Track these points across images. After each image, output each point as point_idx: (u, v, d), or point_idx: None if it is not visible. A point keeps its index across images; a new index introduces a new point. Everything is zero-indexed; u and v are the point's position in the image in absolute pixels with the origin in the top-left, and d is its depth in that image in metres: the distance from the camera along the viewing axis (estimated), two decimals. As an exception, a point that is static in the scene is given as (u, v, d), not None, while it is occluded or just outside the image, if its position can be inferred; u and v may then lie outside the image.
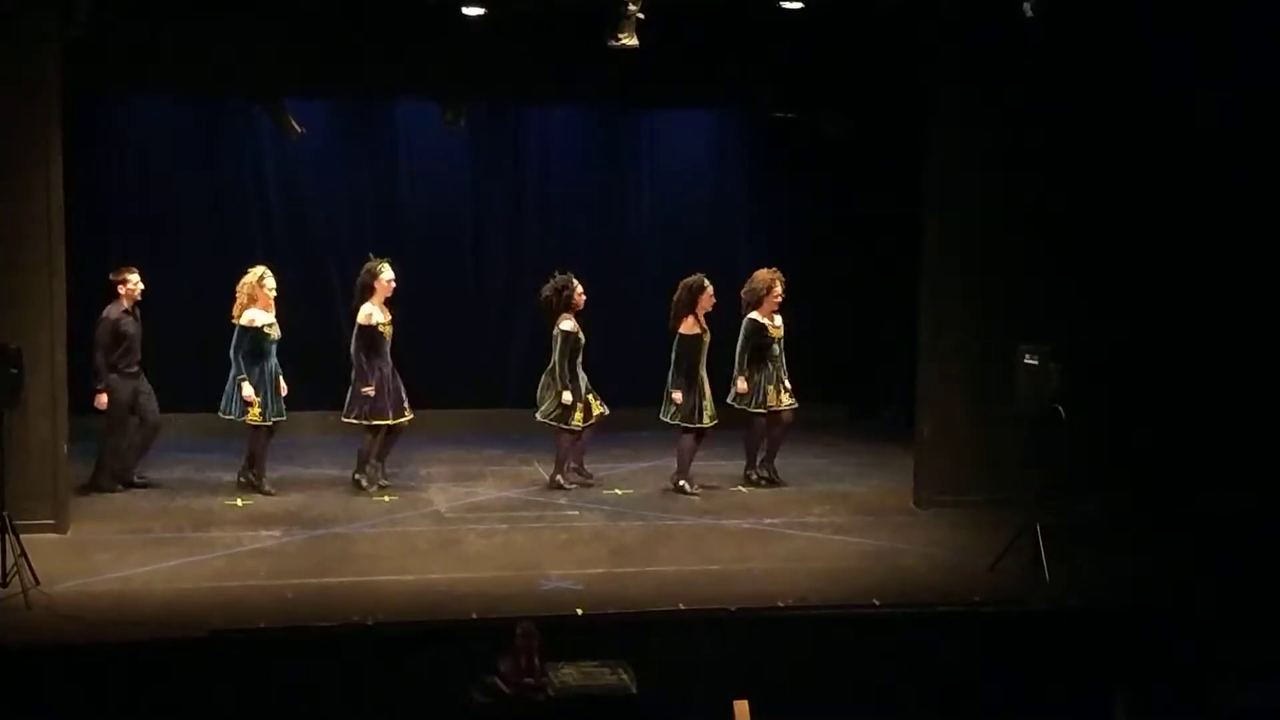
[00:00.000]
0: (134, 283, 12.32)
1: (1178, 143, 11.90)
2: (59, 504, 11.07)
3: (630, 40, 10.83)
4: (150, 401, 12.47)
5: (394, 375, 12.48)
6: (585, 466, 13.06)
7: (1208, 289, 12.07)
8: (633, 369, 14.44)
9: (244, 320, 12.19)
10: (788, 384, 12.97)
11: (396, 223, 15.33)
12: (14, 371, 10.00)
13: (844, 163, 15.35)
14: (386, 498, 12.35)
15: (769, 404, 12.84)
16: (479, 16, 11.62)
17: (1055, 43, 11.58)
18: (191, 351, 14.12)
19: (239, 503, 12.12)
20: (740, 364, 12.83)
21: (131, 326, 12.28)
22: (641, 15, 10.74)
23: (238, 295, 12.29)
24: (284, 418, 12.48)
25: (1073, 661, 9.23)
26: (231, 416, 12.30)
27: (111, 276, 12.34)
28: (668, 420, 12.70)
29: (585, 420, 12.69)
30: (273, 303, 12.31)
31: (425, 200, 15.45)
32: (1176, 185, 11.98)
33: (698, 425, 12.57)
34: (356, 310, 12.45)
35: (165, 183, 14.87)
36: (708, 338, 12.60)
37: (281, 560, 10.59)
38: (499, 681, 8.06)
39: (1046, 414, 10.40)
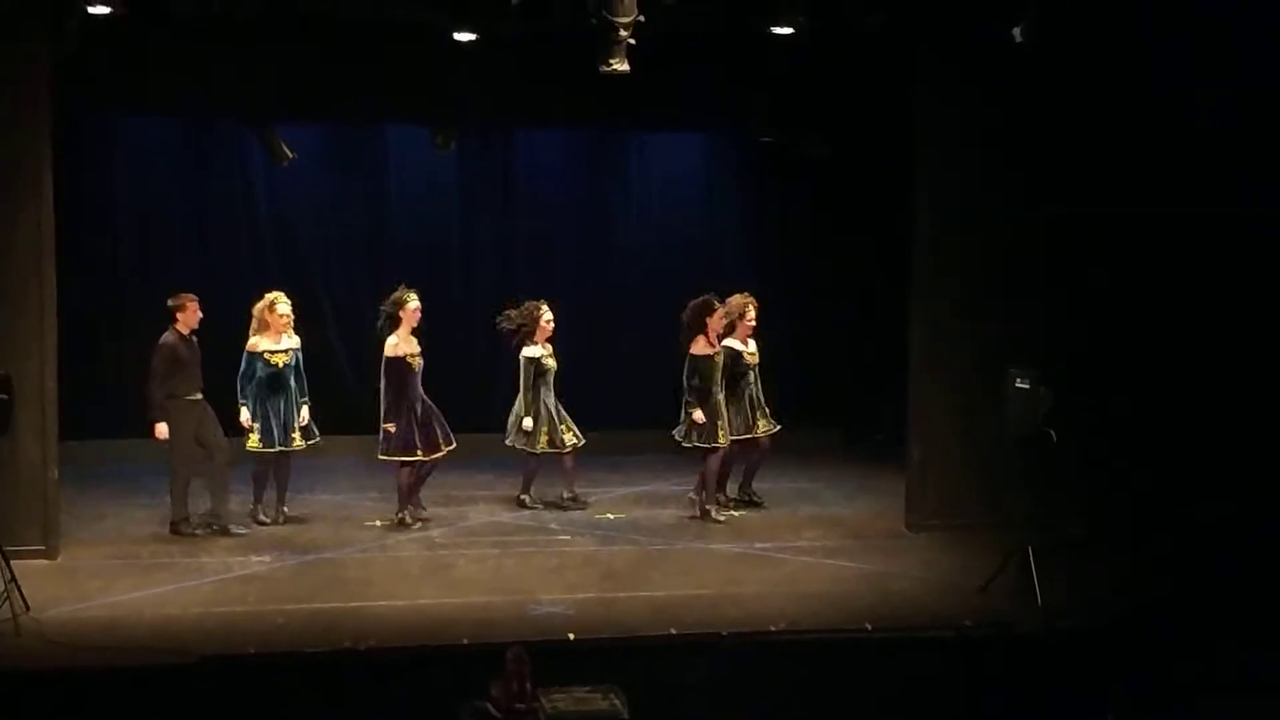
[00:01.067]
0: (193, 309, 11.92)
1: (1168, 162, 11.91)
2: (49, 529, 11.04)
3: (621, 65, 10.83)
4: (215, 430, 11.97)
5: (427, 408, 12.17)
6: (575, 489, 13.01)
7: (1199, 307, 12.07)
8: (623, 391, 14.44)
9: (248, 346, 12.01)
10: (765, 410, 12.93)
11: (386, 245, 15.35)
12: (4, 397, 9.99)
13: (834, 185, 15.36)
14: (378, 522, 12.32)
15: (751, 430, 12.83)
16: (470, 41, 11.64)
17: (1045, 63, 11.60)
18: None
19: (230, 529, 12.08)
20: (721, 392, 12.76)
21: (187, 353, 11.84)
22: (633, 40, 10.76)
23: (252, 320, 12.06)
24: (291, 448, 12.16)
25: (1064, 683, 9.21)
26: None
27: (170, 303, 11.91)
28: (683, 442, 12.58)
29: (551, 446, 12.66)
30: (287, 328, 12.06)
31: (415, 223, 15.45)
32: (1167, 205, 11.99)
33: (715, 444, 12.47)
34: (382, 342, 12.16)
35: (157, 204, 14.88)
36: (720, 357, 12.59)
37: (272, 586, 10.56)
38: (490, 707, 8.02)
39: (1037, 437, 10.41)
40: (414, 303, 12.14)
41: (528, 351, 12.64)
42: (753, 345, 12.90)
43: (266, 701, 8.73)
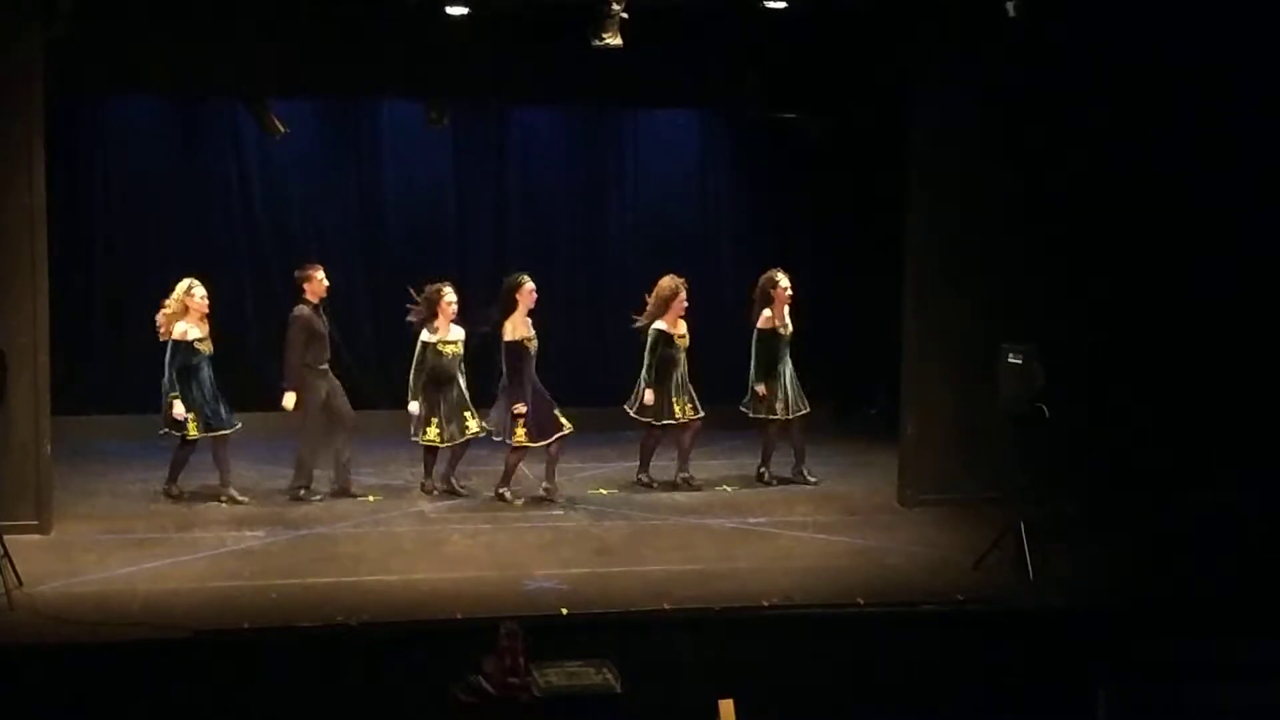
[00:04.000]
0: (320, 279, 12.07)
1: (1163, 141, 11.91)
2: (42, 505, 11.04)
3: (614, 40, 10.82)
4: (342, 399, 12.22)
5: (540, 393, 12.04)
6: (455, 480, 12.60)
7: (1192, 286, 12.09)
8: (617, 368, 14.40)
9: (176, 334, 11.82)
10: (692, 393, 12.78)
11: (380, 221, 15.34)
12: (-3, 372, 10.01)
13: (828, 162, 15.34)
14: (371, 498, 12.33)
15: (676, 417, 12.66)
16: (462, 15, 11.61)
17: (1039, 42, 11.59)
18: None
19: (222, 504, 12.08)
20: (649, 375, 12.64)
21: (320, 323, 12.07)
22: (625, 15, 10.74)
23: (165, 308, 11.86)
24: (238, 426, 12.15)
25: (1056, 659, 9.23)
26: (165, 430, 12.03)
27: (297, 274, 12.12)
28: (750, 414, 12.82)
29: (443, 439, 12.24)
30: (205, 315, 11.96)
31: (409, 199, 15.42)
32: (1160, 184, 12.00)
33: (775, 418, 12.69)
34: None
35: (149, 183, 14.82)
36: (786, 331, 12.68)
37: (265, 561, 10.58)
38: (484, 681, 8.05)
39: (1030, 412, 10.43)
40: (530, 284, 12.03)
41: (425, 336, 12.32)
42: (683, 328, 12.73)
43: (260, 676, 8.74)
